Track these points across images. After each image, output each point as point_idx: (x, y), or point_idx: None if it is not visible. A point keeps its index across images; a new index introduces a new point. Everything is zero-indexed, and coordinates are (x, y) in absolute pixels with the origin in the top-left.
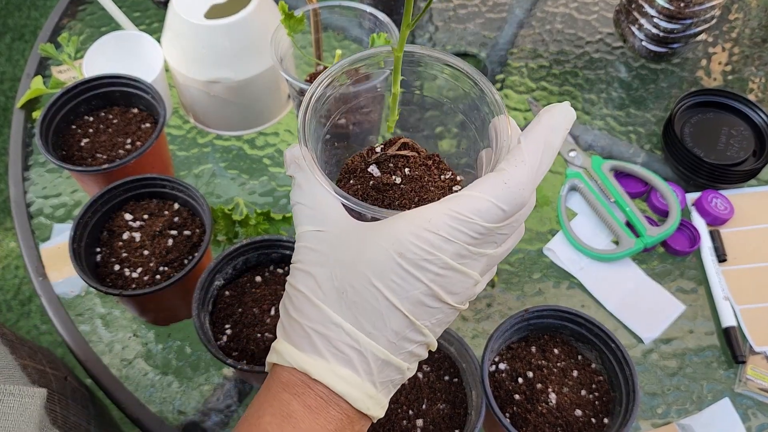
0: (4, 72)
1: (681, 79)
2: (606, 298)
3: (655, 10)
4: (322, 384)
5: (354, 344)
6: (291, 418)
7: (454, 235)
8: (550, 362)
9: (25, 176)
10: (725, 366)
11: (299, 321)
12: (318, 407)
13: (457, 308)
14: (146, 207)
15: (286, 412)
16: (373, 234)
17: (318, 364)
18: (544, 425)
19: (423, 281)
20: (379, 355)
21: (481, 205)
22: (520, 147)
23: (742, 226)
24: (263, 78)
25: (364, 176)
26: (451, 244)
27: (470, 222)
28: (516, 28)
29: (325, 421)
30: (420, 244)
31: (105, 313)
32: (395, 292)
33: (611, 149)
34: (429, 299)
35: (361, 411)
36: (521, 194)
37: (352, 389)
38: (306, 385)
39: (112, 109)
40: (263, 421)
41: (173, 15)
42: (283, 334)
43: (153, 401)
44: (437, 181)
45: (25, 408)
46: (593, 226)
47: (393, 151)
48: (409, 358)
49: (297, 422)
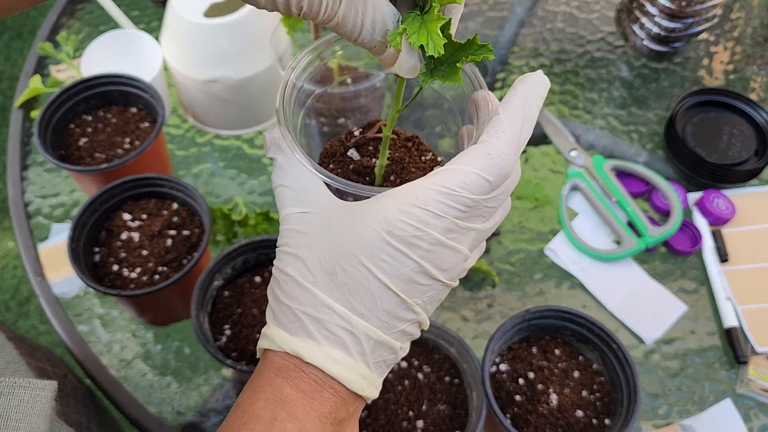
0: (2, 71)
1: (682, 78)
2: (607, 298)
3: (656, 9)
4: (315, 367)
5: (346, 326)
6: (285, 403)
7: (443, 210)
8: (551, 363)
9: (24, 176)
10: (727, 366)
11: (289, 305)
12: (312, 391)
13: (448, 285)
14: (145, 207)
15: (279, 396)
16: (360, 213)
17: (310, 347)
18: (545, 426)
19: (413, 258)
20: (371, 335)
21: (466, 177)
22: (500, 118)
23: (743, 226)
24: (262, 77)
25: (344, 160)
26: (439, 219)
27: (457, 195)
28: (517, 27)
29: (319, 405)
30: (408, 220)
31: (103, 313)
32: (385, 271)
33: (613, 149)
34: (420, 276)
35: (355, 392)
36: (505, 164)
37: (345, 371)
38: (299, 369)
39: (111, 109)
40: (256, 406)
41: (172, 14)
42: (273, 319)
43: (152, 402)
44: (418, 162)
45: (36, 400)
46: (594, 226)
47: (372, 134)
48: (402, 337)
49: (291, 407)
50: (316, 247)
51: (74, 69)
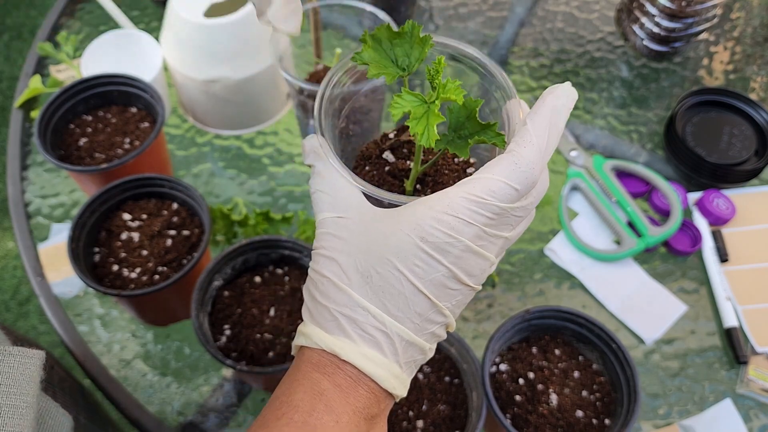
0: (2, 71)
1: (682, 78)
2: (607, 298)
3: (656, 9)
4: (350, 364)
5: (380, 327)
6: (323, 396)
7: (473, 218)
8: (551, 363)
9: (24, 176)
10: (727, 367)
11: (326, 305)
12: (347, 386)
13: (474, 289)
14: (145, 207)
15: (317, 390)
16: (394, 220)
17: (346, 345)
18: (545, 426)
19: (444, 264)
20: (404, 336)
21: (495, 185)
22: (527, 128)
23: (744, 226)
24: (262, 77)
25: (380, 162)
26: (470, 226)
27: (486, 203)
28: (517, 27)
29: (354, 400)
30: (441, 227)
31: (103, 313)
32: (418, 276)
33: (613, 149)
34: (450, 281)
35: (387, 390)
36: (532, 173)
37: (379, 369)
38: (335, 366)
39: (111, 109)
40: (295, 398)
41: (172, 14)
42: (310, 318)
43: (152, 402)
44: (451, 165)
45: (26, 368)
46: (595, 226)
47: (406, 137)
48: (431, 338)
49: (328, 400)
50: (352, 251)
51: (74, 69)
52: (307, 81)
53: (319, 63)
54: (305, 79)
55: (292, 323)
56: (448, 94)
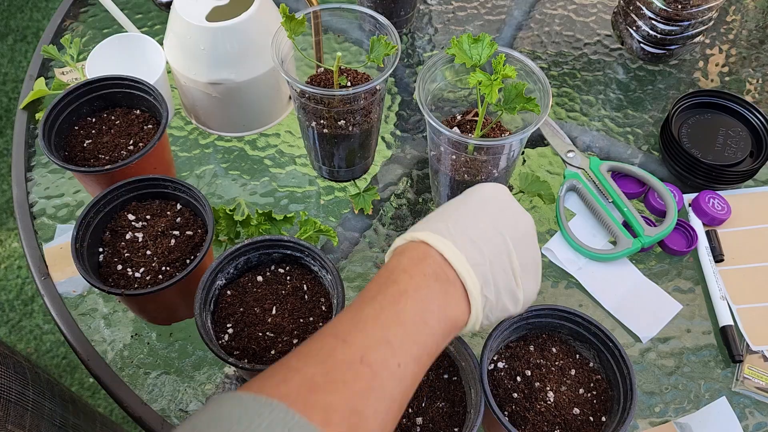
0: (6, 73)
1: (678, 80)
2: (604, 297)
3: (652, 12)
4: (451, 267)
5: (480, 252)
6: (426, 278)
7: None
8: (548, 361)
9: (28, 177)
10: (722, 365)
11: (443, 223)
12: (447, 280)
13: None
14: (149, 207)
15: (424, 273)
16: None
17: (450, 250)
18: (543, 423)
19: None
20: (499, 280)
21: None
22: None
23: (739, 227)
24: (264, 80)
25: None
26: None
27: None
28: (514, 30)
29: (448, 297)
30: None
31: (107, 312)
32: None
33: (609, 150)
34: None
35: (463, 314)
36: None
37: (472, 281)
38: (439, 264)
39: (115, 111)
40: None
41: (175, 17)
42: (425, 225)
43: (155, 400)
44: (497, 133)
45: None
46: (591, 227)
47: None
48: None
49: (431, 283)
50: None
51: (78, 71)
52: (308, 84)
53: (320, 66)
54: (306, 82)
55: (293, 322)
56: (507, 72)
